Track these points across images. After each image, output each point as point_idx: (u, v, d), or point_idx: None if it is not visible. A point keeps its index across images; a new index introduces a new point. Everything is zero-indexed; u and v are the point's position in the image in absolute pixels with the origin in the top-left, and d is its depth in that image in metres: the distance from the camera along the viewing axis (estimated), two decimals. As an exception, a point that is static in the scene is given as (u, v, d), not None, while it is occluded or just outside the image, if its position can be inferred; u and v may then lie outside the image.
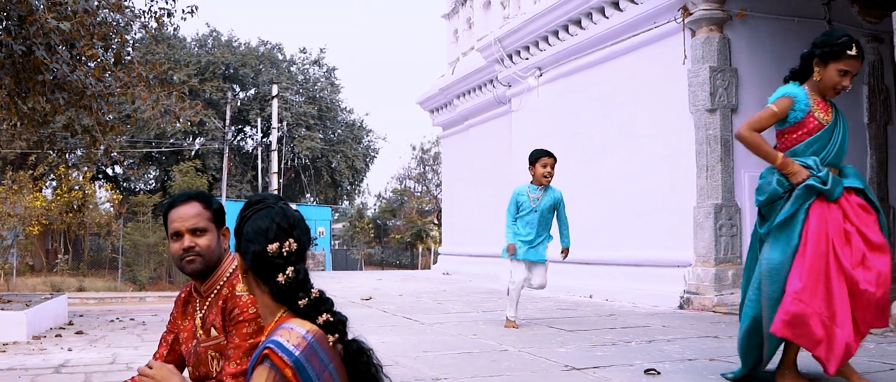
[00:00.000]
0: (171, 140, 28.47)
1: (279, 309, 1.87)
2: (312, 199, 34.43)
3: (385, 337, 5.72)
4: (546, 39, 10.63)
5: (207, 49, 30.77)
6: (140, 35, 14.49)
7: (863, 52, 3.66)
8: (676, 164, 8.26)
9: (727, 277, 7.62)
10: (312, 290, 1.86)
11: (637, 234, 8.80)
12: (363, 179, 36.04)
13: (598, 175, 9.53)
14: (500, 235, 6.59)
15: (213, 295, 2.45)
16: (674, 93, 8.27)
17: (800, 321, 3.38)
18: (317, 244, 29.43)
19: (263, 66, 31.29)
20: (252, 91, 31.73)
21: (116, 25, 9.19)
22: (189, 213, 2.43)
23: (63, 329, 7.78)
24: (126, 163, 28.59)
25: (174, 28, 9.60)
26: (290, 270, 1.84)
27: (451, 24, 15.52)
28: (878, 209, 3.67)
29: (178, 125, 15.93)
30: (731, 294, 7.54)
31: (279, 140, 26.50)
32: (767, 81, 7.73)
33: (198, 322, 2.48)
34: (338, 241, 42.61)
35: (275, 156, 24.67)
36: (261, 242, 1.86)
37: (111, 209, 22.55)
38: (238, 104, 30.24)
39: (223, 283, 2.44)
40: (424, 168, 38.69)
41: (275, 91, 25.46)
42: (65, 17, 7.69)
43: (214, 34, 31.68)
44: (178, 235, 2.43)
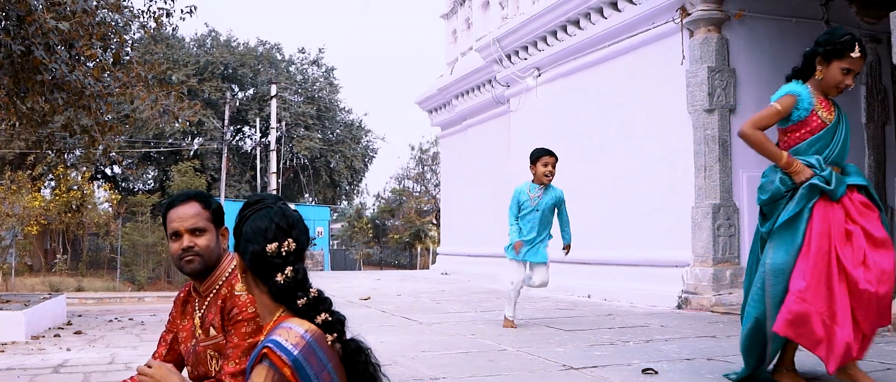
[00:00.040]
0: (170, 140, 28.45)
1: (278, 309, 1.88)
2: (311, 199, 34.42)
3: (383, 337, 5.73)
4: (545, 39, 10.65)
5: (206, 49, 30.76)
6: (139, 35, 14.47)
7: (866, 51, 3.64)
8: (674, 164, 8.27)
9: (725, 277, 7.64)
10: (311, 290, 1.87)
11: (635, 234, 8.81)
12: (362, 179, 36.05)
13: (597, 175, 9.54)
14: (499, 235, 6.59)
15: (212, 295, 2.46)
16: (672, 93, 8.29)
17: (802, 320, 3.37)
18: (315, 244, 29.42)
19: (262, 66, 31.28)
20: (251, 91, 31.73)
21: (115, 25, 9.19)
22: (188, 213, 2.45)
23: (62, 329, 7.78)
24: (125, 162, 28.57)
25: (173, 28, 9.59)
26: (289, 270, 1.85)
27: (450, 25, 15.52)
28: (881, 206, 3.66)
29: (177, 125, 15.89)
30: (729, 294, 7.56)
31: (278, 140, 26.49)
32: (765, 82, 7.75)
33: (197, 321, 2.49)
34: (336, 241, 42.61)
35: (273, 155, 24.66)
36: (260, 242, 1.87)
37: (110, 209, 22.55)
38: (237, 104, 30.24)
39: (222, 283, 2.45)
40: (423, 168, 38.72)
41: (273, 91, 25.46)
42: (63, 17, 7.69)
43: (213, 34, 31.68)
44: (178, 235, 2.44)
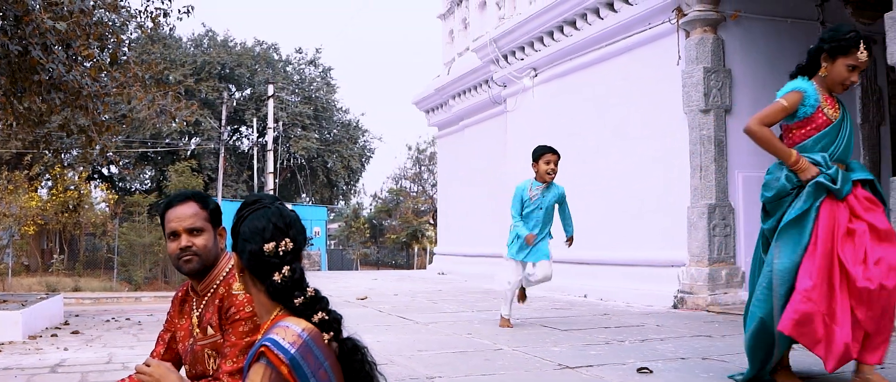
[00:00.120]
0: (167, 140, 28.44)
1: (275, 308, 1.90)
2: (308, 199, 34.42)
3: (380, 336, 5.74)
4: (541, 40, 10.67)
5: (203, 49, 30.74)
6: (136, 35, 14.49)
7: (871, 48, 3.61)
8: (670, 165, 8.30)
9: (721, 277, 7.67)
10: (308, 289, 1.88)
11: (631, 234, 8.84)
12: (359, 179, 36.08)
13: (593, 175, 9.56)
14: (496, 235, 6.59)
15: (210, 294, 2.47)
16: (668, 93, 8.31)
17: (808, 319, 3.34)
18: (312, 244, 29.41)
19: (259, 66, 31.27)
20: (248, 91, 31.72)
21: (112, 25, 9.21)
22: (186, 213, 2.46)
23: (59, 328, 7.78)
24: (122, 163, 28.56)
25: (170, 28, 9.60)
26: (286, 269, 1.87)
27: (447, 25, 15.53)
28: (886, 201, 3.64)
29: (174, 125, 15.91)
30: (725, 293, 7.59)
31: (275, 140, 26.49)
32: (761, 82, 7.79)
33: (194, 320, 2.51)
34: (333, 241, 42.59)
35: (271, 155, 24.66)
36: (257, 242, 1.88)
37: (107, 209, 22.55)
38: (234, 104, 30.24)
39: (220, 282, 2.47)
40: (420, 168, 38.74)
41: (271, 91, 25.45)
42: (61, 17, 7.70)
43: (210, 34, 31.67)
44: (175, 235, 2.46)
